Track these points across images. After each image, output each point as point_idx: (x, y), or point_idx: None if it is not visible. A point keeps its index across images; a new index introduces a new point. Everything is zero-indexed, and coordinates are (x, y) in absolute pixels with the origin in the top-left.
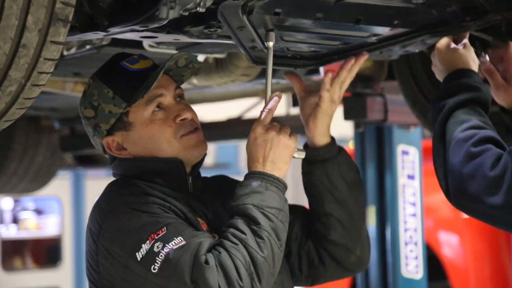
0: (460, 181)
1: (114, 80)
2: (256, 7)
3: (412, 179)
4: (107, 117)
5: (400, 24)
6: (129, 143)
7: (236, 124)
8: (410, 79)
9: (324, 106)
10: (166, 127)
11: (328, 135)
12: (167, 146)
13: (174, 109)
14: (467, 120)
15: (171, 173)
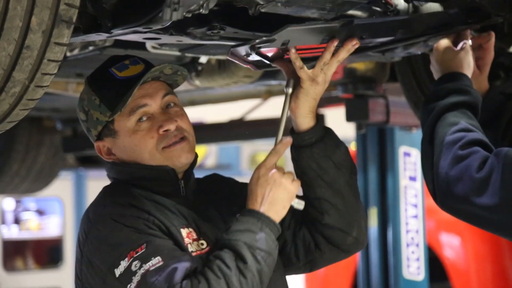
0: (447, 183)
1: (101, 87)
2: None
3: (413, 181)
4: (95, 124)
5: (404, 32)
6: (116, 150)
7: (238, 126)
8: (412, 80)
9: (305, 86)
10: (148, 138)
11: (312, 117)
12: (148, 157)
13: (159, 119)
14: (455, 123)
15: (162, 178)
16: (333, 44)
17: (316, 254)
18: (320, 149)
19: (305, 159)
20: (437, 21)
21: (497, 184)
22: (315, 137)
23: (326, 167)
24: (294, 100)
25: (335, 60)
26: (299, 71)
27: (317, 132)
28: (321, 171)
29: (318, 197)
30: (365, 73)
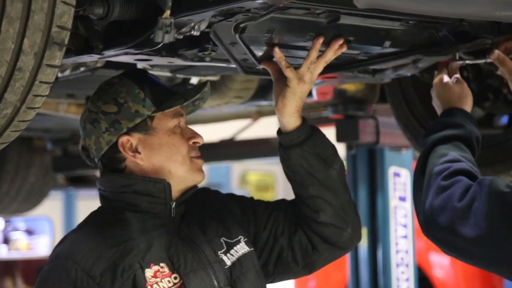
0: (431, 213)
1: (146, 85)
2: (249, 26)
3: (403, 201)
4: (132, 115)
5: (391, 44)
6: (145, 147)
7: (228, 146)
8: (402, 102)
9: (292, 85)
10: (184, 143)
11: (298, 116)
12: (181, 160)
13: (187, 130)
14: (445, 154)
15: (156, 195)
16: (318, 42)
17: (315, 256)
18: (309, 147)
19: (296, 158)
20: (426, 39)
21: (479, 214)
22: (304, 135)
23: (317, 164)
24: (281, 100)
25: (322, 61)
26: (286, 70)
27: (305, 130)
28: (312, 168)
29: (312, 195)
30: (355, 94)
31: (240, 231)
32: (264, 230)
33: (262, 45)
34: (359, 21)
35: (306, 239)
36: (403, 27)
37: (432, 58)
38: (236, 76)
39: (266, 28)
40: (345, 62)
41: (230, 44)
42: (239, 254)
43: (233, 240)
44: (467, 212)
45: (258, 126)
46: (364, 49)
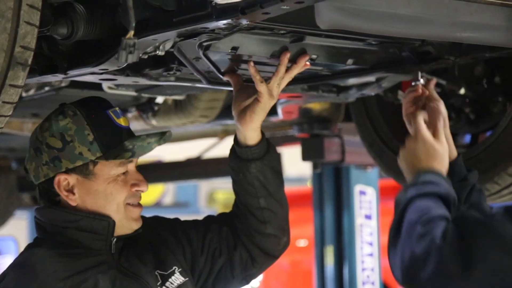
0: (415, 261)
1: (98, 126)
2: (212, 45)
3: (369, 219)
4: (74, 157)
5: (355, 62)
6: (81, 190)
7: (195, 164)
8: (366, 121)
9: (263, 100)
10: (124, 191)
11: (260, 131)
12: (115, 209)
13: (133, 176)
14: (422, 207)
15: (98, 232)
16: (286, 57)
17: (254, 268)
18: (268, 161)
19: (254, 172)
20: (389, 58)
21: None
22: (264, 149)
23: (271, 177)
24: (250, 114)
25: (288, 76)
26: (259, 85)
27: (265, 144)
28: (267, 181)
29: (262, 207)
30: (321, 113)
31: (174, 261)
32: (201, 255)
33: (226, 60)
34: (322, 41)
35: (246, 253)
36: (366, 46)
37: (395, 77)
38: (201, 95)
39: (231, 45)
40: (309, 76)
41: (194, 59)
42: (174, 286)
43: (167, 272)
44: (453, 251)
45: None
46: (327, 66)
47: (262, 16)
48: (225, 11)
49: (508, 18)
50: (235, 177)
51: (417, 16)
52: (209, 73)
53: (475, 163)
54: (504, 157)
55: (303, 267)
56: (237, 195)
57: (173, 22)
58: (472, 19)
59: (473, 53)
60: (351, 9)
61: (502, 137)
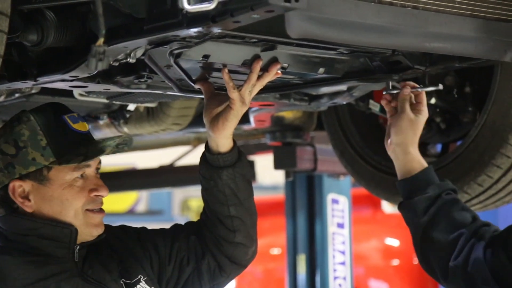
0: None
1: (52, 131)
2: (183, 53)
3: (341, 228)
4: (28, 163)
5: (326, 71)
6: (36, 197)
7: (168, 172)
8: (338, 130)
9: (236, 107)
10: (81, 197)
11: (231, 138)
12: (73, 215)
13: (92, 181)
14: None
15: (60, 240)
16: (258, 65)
17: (222, 277)
18: (240, 168)
19: (226, 179)
20: (360, 67)
21: None
22: (236, 156)
23: (242, 185)
24: (222, 122)
25: (260, 84)
26: (232, 91)
27: (236, 152)
28: (238, 189)
29: (232, 215)
30: (293, 122)
31: (139, 270)
32: (169, 264)
33: (198, 68)
34: (293, 50)
35: (214, 262)
36: (337, 55)
37: (366, 86)
38: (173, 103)
39: (203, 53)
40: (280, 85)
41: (165, 67)
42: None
43: (132, 281)
44: None
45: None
46: (298, 74)
47: (233, 24)
48: (195, 19)
49: (477, 29)
50: (205, 185)
51: (386, 26)
52: (180, 81)
53: (445, 172)
54: (473, 167)
55: (276, 275)
56: (206, 203)
57: (143, 30)
58: (442, 30)
59: (443, 63)
60: (321, 19)
61: (472, 146)
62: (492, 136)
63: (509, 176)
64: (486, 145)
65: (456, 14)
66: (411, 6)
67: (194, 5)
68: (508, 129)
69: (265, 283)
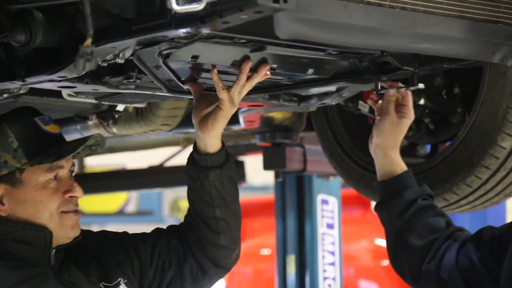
0: None
1: (23, 133)
2: (172, 53)
3: (331, 228)
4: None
5: (315, 72)
6: (10, 200)
7: (157, 172)
8: (327, 130)
9: (225, 108)
10: (55, 198)
11: (220, 139)
12: (48, 217)
13: (66, 183)
14: None
15: (35, 243)
16: (248, 65)
17: (205, 281)
18: (227, 169)
19: (213, 180)
20: (349, 68)
21: None
22: (224, 157)
23: (229, 187)
24: (212, 122)
25: (249, 85)
26: (221, 92)
27: (224, 153)
28: (224, 191)
29: (217, 217)
30: (282, 122)
31: (119, 273)
32: (150, 267)
33: (186, 69)
34: (282, 50)
35: (197, 265)
36: (326, 56)
37: (355, 87)
38: (163, 103)
39: (192, 54)
40: (270, 86)
41: (154, 67)
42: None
43: (112, 284)
44: None
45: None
46: (287, 75)
47: (221, 25)
48: (184, 20)
49: (465, 30)
50: (192, 185)
51: (375, 27)
52: (169, 82)
53: (434, 173)
54: (462, 168)
55: (266, 276)
56: (192, 204)
57: (132, 30)
58: (430, 31)
59: (431, 64)
60: (310, 20)
61: (461, 147)
62: (480, 137)
63: (497, 177)
64: (475, 146)
65: (444, 15)
66: (400, 7)
67: (182, 6)
68: (497, 130)
69: (255, 284)
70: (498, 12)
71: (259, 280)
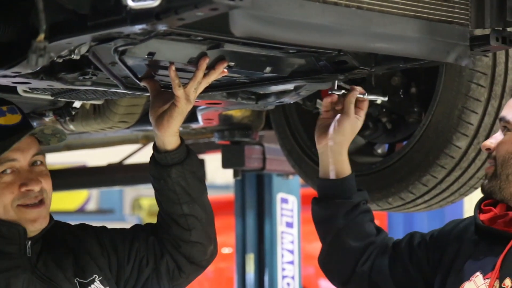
0: None
1: None
2: (128, 50)
3: (290, 227)
4: None
5: (272, 70)
6: None
7: (116, 170)
8: (286, 129)
9: (180, 105)
10: (8, 193)
11: (178, 136)
12: (2, 211)
13: (23, 175)
14: None
15: (9, 236)
16: (205, 62)
17: (182, 279)
18: (189, 165)
19: (175, 177)
20: (306, 67)
21: None
22: (184, 153)
23: (193, 182)
24: (167, 119)
25: (206, 82)
26: (177, 89)
27: (184, 148)
28: (188, 186)
29: (185, 213)
30: (241, 120)
31: (95, 269)
32: (127, 264)
33: (143, 66)
34: (239, 48)
35: (173, 263)
36: (284, 55)
37: (312, 86)
38: (120, 100)
39: (148, 51)
40: (227, 84)
41: (110, 64)
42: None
43: (87, 280)
44: None
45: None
46: (245, 73)
47: (177, 22)
48: (139, 16)
49: (421, 30)
50: (156, 186)
51: (331, 26)
52: (126, 79)
53: (390, 172)
54: (418, 167)
55: (227, 275)
56: (160, 205)
57: (87, 26)
58: (386, 30)
59: (388, 63)
60: (265, 17)
61: (417, 147)
62: (436, 137)
63: (453, 176)
64: (430, 146)
65: (399, 15)
66: (356, 6)
67: (138, 2)
68: (452, 129)
69: (216, 283)
70: (453, 12)
71: (220, 279)
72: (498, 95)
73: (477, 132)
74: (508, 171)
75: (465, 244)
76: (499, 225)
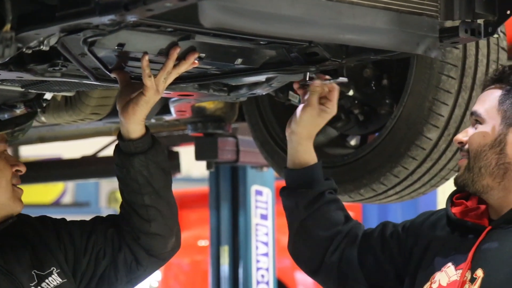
0: None
1: None
2: (98, 41)
3: (265, 219)
4: None
5: (243, 62)
6: None
7: (91, 162)
8: (258, 121)
9: (148, 94)
10: (9, 169)
11: (144, 125)
12: (4, 185)
13: (11, 158)
14: None
15: None
16: (176, 52)
17: (139, 271)
18: (153, 155)
19: (138, 166)
20: (278, 58)
21: None
22: (148, 143)
23: (156, 173)
24: (132, 107)
25: (175, 72)
26: (147, 79)
27: (149, 139)
28: (151, 177)
29: (146, 204)
30: (214, 112)
31: (53, 262)
32: (84, 256)
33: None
34: (210, 39)
35: (131, 256)
36: (255, 46)
37: (284, 77)
38: (92, 92)
39: (117, 42)
40: (198, 75)
41: (80, 55)
42: (51, 286)
43: (44, 273)
44: None
45: None
46: (216, 65)
47: (146, 13)
48: (108, 7)
49: (390, 21)
50: (120, 174)
51: (301, 17)
52: (96, 70)
53: (362, 163)
54: (390, 158)
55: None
56: (122, 194)
57: (56, 17)
58: (355, 22)
59: (359, 55)
60: (234, 8)
61: (388, 138)
62: (407, 128)
63: (424, 167)
64: (402, 137)
65: (369, 6)
66: None
67: None
68: (423, 121)
69: (192, 275)
70: (422, 4)
71: (196, 271)
72: (468, 87)
73: (447, 124)
74: (481, 164)
75: (436, 236)
76: (471, 218)
